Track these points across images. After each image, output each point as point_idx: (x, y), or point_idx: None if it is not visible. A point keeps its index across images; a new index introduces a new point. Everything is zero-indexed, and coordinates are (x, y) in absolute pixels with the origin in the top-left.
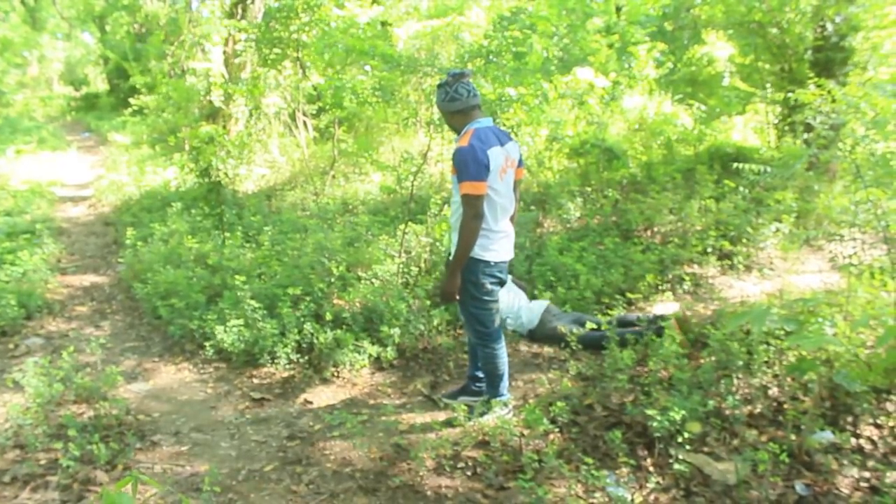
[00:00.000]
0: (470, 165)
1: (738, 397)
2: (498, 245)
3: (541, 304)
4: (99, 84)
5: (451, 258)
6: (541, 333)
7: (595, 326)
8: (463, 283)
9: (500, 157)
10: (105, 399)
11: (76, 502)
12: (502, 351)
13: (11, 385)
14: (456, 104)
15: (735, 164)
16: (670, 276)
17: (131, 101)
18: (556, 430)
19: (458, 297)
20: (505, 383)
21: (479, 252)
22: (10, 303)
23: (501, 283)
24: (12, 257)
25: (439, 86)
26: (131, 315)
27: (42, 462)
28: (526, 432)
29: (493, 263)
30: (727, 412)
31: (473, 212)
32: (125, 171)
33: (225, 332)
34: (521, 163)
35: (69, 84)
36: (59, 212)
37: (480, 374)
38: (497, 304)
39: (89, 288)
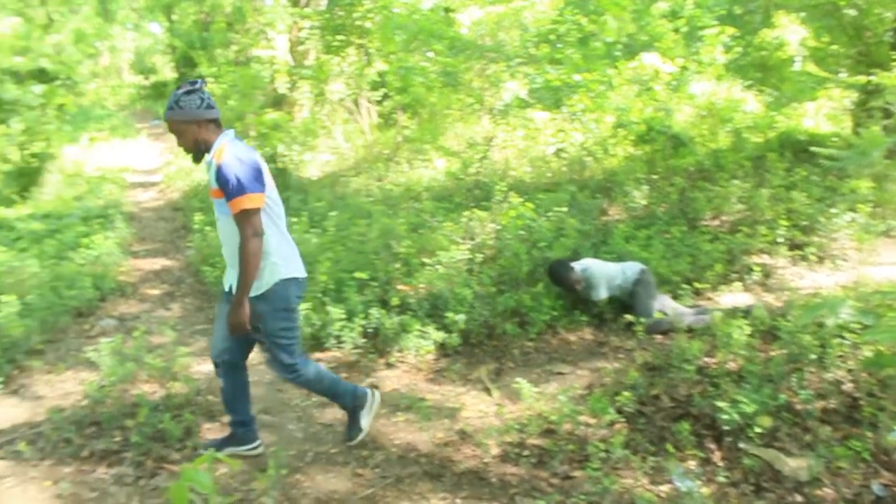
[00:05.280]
0: (243, 178)
1: (810, 392)
2: (297, 257)
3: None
4: (167, 72)
5: (234, 292)
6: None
7: (664, 314)
8: (274, 314)
9: (264, 164)
10: (175, 379)
11: (149, 478)
12: (316, 367)
13: (87, 363)
14: (213, 112)
15: (811, 149)
16: (739, 266)
17: None
18: (623, 420)
19: (250, 328)
20: (347, 387)
21: (286, 271)
22: (85, 285)
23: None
24: (87, 241)
25: (188, 92)
26: (200, 298)
27: (117, 439)
28: (592, 421)
29: (300, 279)
30: (799, 407)
31: (253, 229)
32: None
33: None
34: None
35: (138, 73)
36: (129, 197)
37: (246, 419)
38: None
39: (159, 271)
